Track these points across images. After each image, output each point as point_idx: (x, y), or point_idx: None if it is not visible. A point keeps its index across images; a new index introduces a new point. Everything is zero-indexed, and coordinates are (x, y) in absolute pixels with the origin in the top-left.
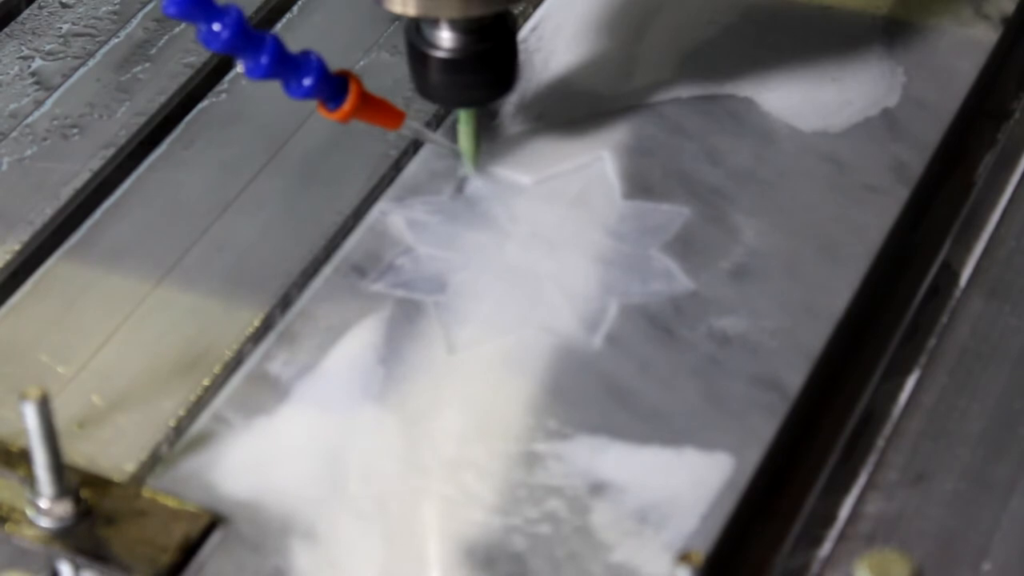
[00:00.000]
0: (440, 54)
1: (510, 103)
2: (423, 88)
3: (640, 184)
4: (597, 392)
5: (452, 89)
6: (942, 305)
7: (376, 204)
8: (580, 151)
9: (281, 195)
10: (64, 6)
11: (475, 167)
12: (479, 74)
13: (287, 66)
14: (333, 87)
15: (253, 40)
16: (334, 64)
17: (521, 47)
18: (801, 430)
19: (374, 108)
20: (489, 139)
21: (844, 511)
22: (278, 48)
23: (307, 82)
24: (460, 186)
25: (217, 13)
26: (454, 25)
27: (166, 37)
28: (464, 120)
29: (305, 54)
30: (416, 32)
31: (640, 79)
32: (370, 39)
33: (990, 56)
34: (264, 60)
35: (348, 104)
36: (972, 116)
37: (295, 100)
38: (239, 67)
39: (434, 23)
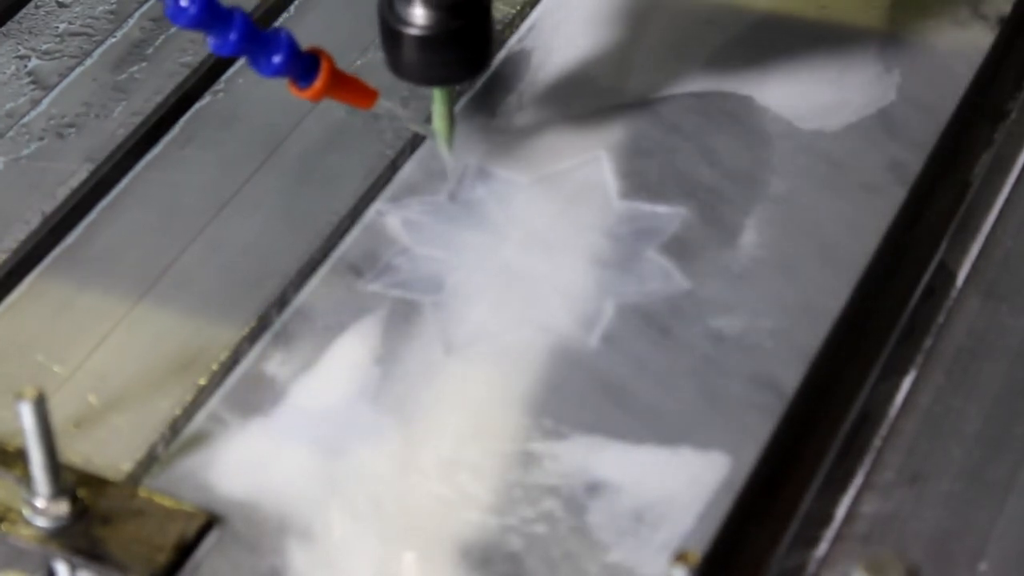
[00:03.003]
0: (413, 31)
1: (507, 102)
2: (396, 66)
3: (637, 184)
4: (593, 392)
5: (425, 68)
6: (938, 305)
7: (373, 204)
8: (577, 150)
9: (278, 195)
10: (61, 5)
11: (450, 149)
12: (453, 52)
13: (256, 43)
14: (304, 65)
15: (221, 16)
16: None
17: (518, 45)
18: (797, 430)
19: (346, 86)
20: (486, 138)
21: (840, 511)
22: (247, 25)
23: (277, 59)
24: (456, 188)
25: None
26: (427, 2)
27: (163, 37)
28: (439, 100)
29: (275, 31)
30: (389, 8)
31: (637, 78)
32: (367, 39)
33: (987, 56)
34: (232, 37)
35: (319, 82)
36: (969, 116)
37: (265, 77)
38: (208, 43)
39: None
